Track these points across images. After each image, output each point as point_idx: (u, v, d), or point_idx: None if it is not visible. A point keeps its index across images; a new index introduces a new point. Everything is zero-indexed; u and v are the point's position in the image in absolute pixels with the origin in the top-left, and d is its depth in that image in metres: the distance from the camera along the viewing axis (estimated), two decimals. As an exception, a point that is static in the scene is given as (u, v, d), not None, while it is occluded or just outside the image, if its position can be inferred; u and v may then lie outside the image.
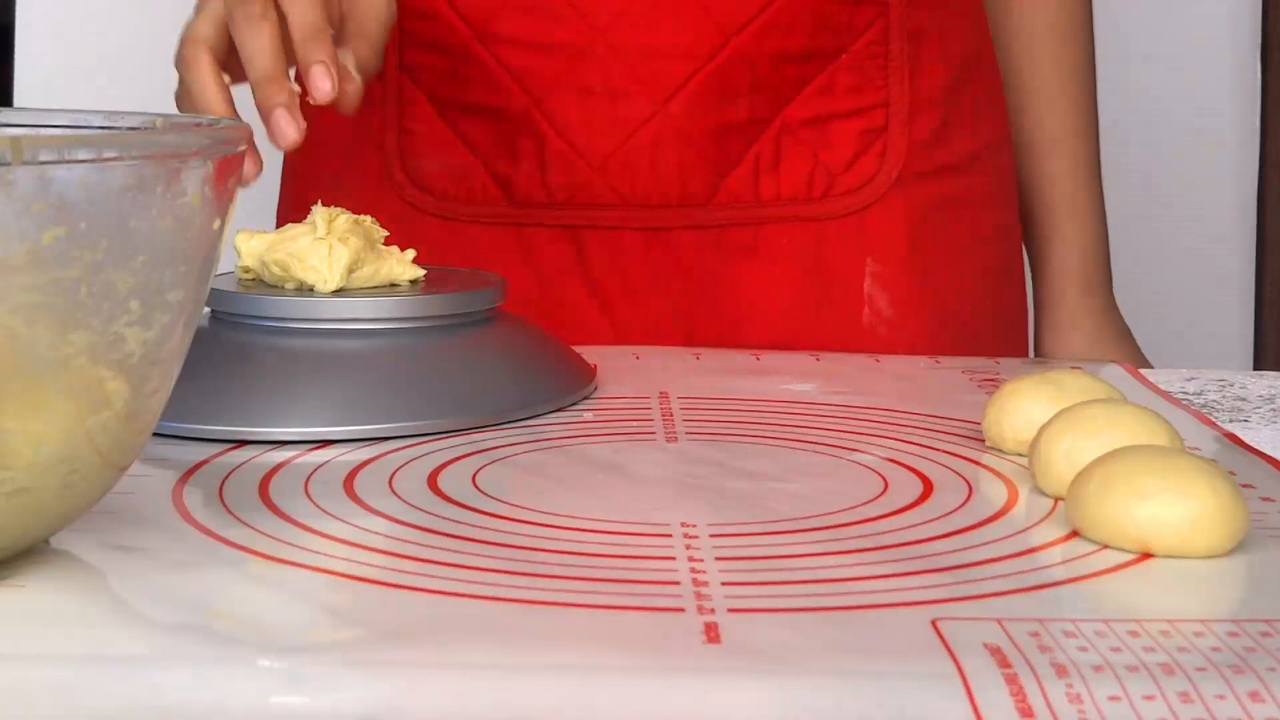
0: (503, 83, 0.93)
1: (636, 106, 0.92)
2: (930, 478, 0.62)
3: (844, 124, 0.94)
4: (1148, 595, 0.50)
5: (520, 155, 0.94)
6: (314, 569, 0.51)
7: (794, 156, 0.94)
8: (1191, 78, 1.63)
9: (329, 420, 0.67)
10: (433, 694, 0.42)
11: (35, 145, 0.44)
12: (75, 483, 0.48)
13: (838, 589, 0.49)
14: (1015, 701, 0.41)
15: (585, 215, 0.94)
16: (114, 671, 0.43)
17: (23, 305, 0.45)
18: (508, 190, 0.95)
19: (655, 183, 0.93)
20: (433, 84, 0.96)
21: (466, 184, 0.95)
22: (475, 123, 0.95)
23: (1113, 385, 0.67)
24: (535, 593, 0.49)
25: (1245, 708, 0.41)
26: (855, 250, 0.94)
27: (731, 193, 0.94)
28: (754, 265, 0.94)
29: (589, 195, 0.93)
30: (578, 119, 0.93)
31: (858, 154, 0.94)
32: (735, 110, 0.92)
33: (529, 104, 0.93)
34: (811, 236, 0.94)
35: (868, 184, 0.94)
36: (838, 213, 0.94)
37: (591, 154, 0.93)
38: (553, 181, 0.94)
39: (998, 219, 1.01)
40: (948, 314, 0.96)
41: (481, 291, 0.75)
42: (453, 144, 0.95)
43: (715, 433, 0.70)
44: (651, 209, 0.94)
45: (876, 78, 0.94)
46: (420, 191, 0.96)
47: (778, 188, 0.94)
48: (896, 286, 0.94)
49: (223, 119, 0.61)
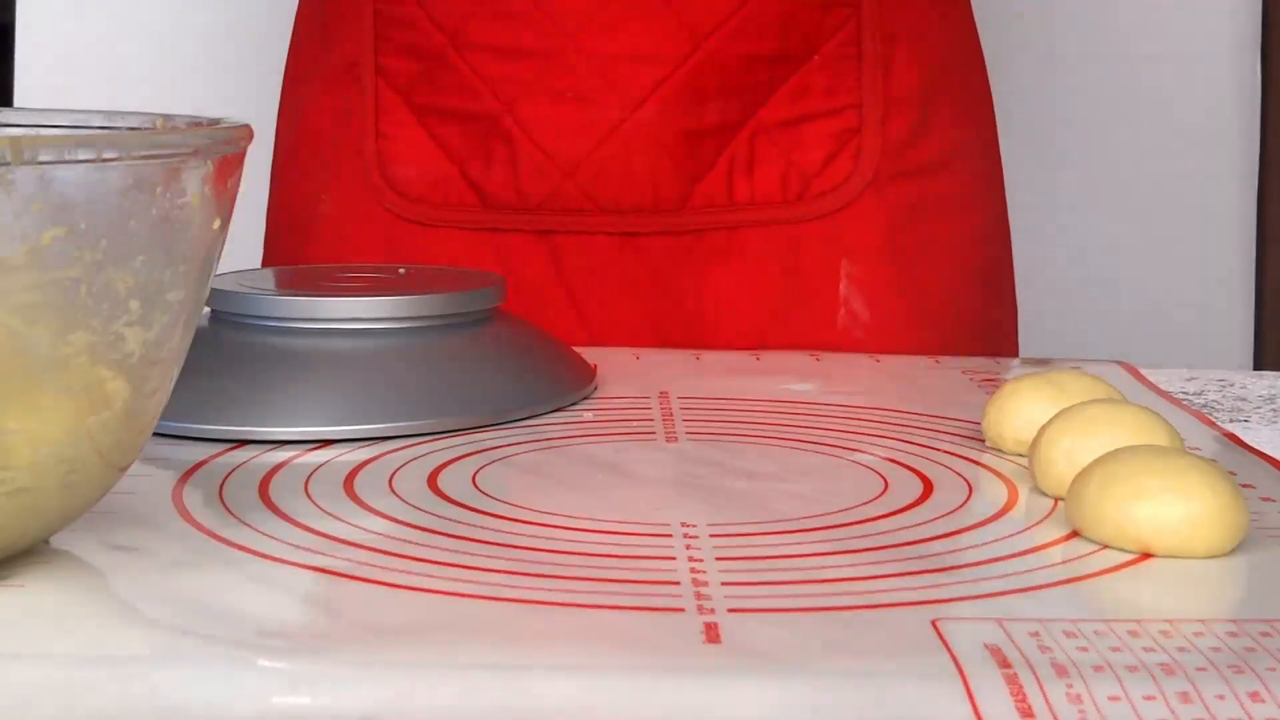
0: (476, 88, 0.93)
1: (607, 111, 0.92)
2: (930, 478, 0.62)
3: (817, 125, 0.94)
4: (1148, 595, 0.50)
5: (494, 160, 0.94)
6: (314, 569, 0.51)
7: (767, 159, 0.94)
8: (1191, 78, 1.63)
9: (329, 420, 0.67)
10: (433, 694, 0.42)
11: (35, 145, 0.44)
12: (75, 483, 0.48)
13: (838, 589, 0.49)
14: (1015, 701, 0.41)
15: (559, 220, 0.94)
16: (114, 671, 0.43)
17: (23, 305, 0.45)
18: (482, 195, 0.95)
19: (628, 187, 0.93)
20: (409, 89, 0.96)
21: (442, 189, 0.95)
22: (451, 128, 0.95)
23: (1113, 385, 0.67)
24: (535, 593, 0.49)
25: (1245, 708, 0.41)
26: (831, 252, 0.94)
27: (705, 196, 0.94)
28: (729, 268, 0.94)
29: (562, 200, 0.94)
30: (549, 124, 0.93)
31: (831, 155, 0.94)
32: (707, 114, 0.93)
33: (501, 109, 0.93)
34: (786, 239, 0.94)
35: (842, 185, 0.94)
36: (813, 215, 0.94)
37: (563, 159, 0.93)
38: (526, 186, 0.94)
39: (980, 220, 1.00)
40: (928, 316, 0.96)
41: (481, 291, 0.75)
42: (429, 149, 0.95)
43: (715, 433, 0.70)
44: (625, 214, 0.94)
45: (849, 79, 0.94)
46: (398, 197, 0.96)
47: (752, 191, 0.94)
48: (873, 289, 0.94)
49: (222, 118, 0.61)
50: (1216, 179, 1.66)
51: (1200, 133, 1.64)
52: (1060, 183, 1.59)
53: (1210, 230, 1.65)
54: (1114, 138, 1.62)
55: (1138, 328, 1.11)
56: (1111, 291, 1.60)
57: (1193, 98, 1.64)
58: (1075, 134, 1.61)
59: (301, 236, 0.99)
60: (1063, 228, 1.58)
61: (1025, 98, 1.57)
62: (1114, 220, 1.26)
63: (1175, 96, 1.63)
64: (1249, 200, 1.66)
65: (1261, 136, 1.65)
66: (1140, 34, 1.62)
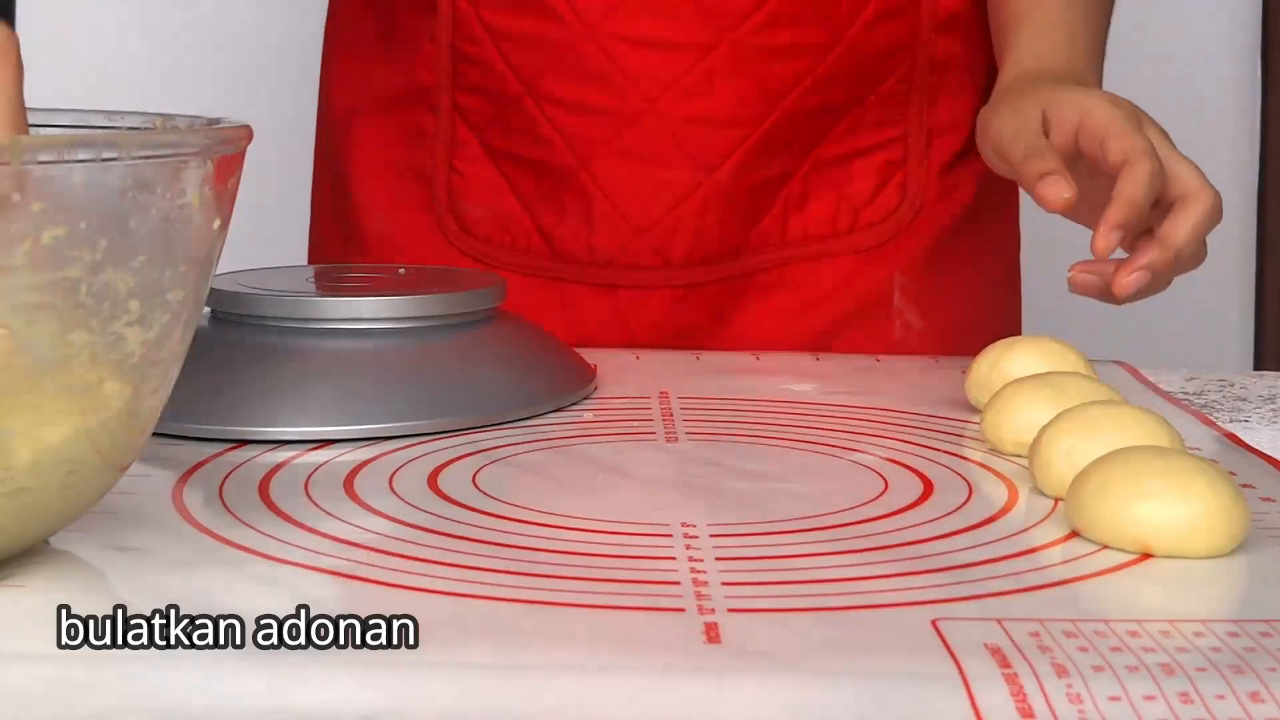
0: (552, 140, 0.93)
1: (684, 173, 0.92)
2: (930, 478, 0.62)
3: (865, 159, 0.95)
4: (1148, 595, 0.50)
5: (567, 213, 0.94)
6: (314, 569, 0.51)
7: (820, 195, 0.94)
8: (1191, 78, 1.64)
9: (329, 420, 0.67)
10: (433, 694, 0.42)
11: (35, 145, 0.44)
12: (75, 483, 0.48)
13: (838, 589, 0.49)
14: (1015, 701, 0.41)
15: (624, 275, 0.94)
16: (114, 671, 0.43)
17: (23, 305, 0.45)
18: (551, 244, 0.94)
19: (696, 244, 0.93)
20: (484, 128, 0.95)
21: (510, 232, 0.95)
22: (524, 173, 0.94)
23: (1111, 386, 0.67)
24: (535, 593, 0.49)
25: (1245, 708, 0.41)
26: (883, 271, 0.95)
27: (761, 236, 0.94)
28: (782, 298, 0.95)
29: (630, 258, 0.94)
30: (625, 184, 0.92)
31: (879, 186, 0.95)
32: (774, 166, 0.93)
33: (577, 165, 0.93)
34: (839, 268, 0.95)
35: (891, 215, 0.95)
36: (863, 246, 0.95)
37: (637, 219, 0.93)
38: (598, 242, 0.93)
39: (1004, 225, 1.02)
40: (971, 321, 0.97)
41: (481, 291, 0.75)
42: (501, 189, 0.95)
43: (715, 433, 0.70)
44: (690, 267, 0.94)
45: (898, 112, 0.95)
46: (463, 232, 0.96)
47: (804, 226, 0.94)
48: (925, 299, 0.95)
49: (222, 118, 0.61)
50: (1216, 179, 1.66)
51: (1200, 133, 1.64)
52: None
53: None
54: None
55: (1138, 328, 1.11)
56: (1111, 292, 1.60)
57: (1193, 98, 1.64)
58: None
59: (354, 246, 0.99)
60: (1062, 228, 1.58)
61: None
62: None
63: (1175, 96, 1.63)
64: (1249, 200, 1.66)
65: (1261, 136, 1.66)
66: (1140, 34, 1.62)
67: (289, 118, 1.10)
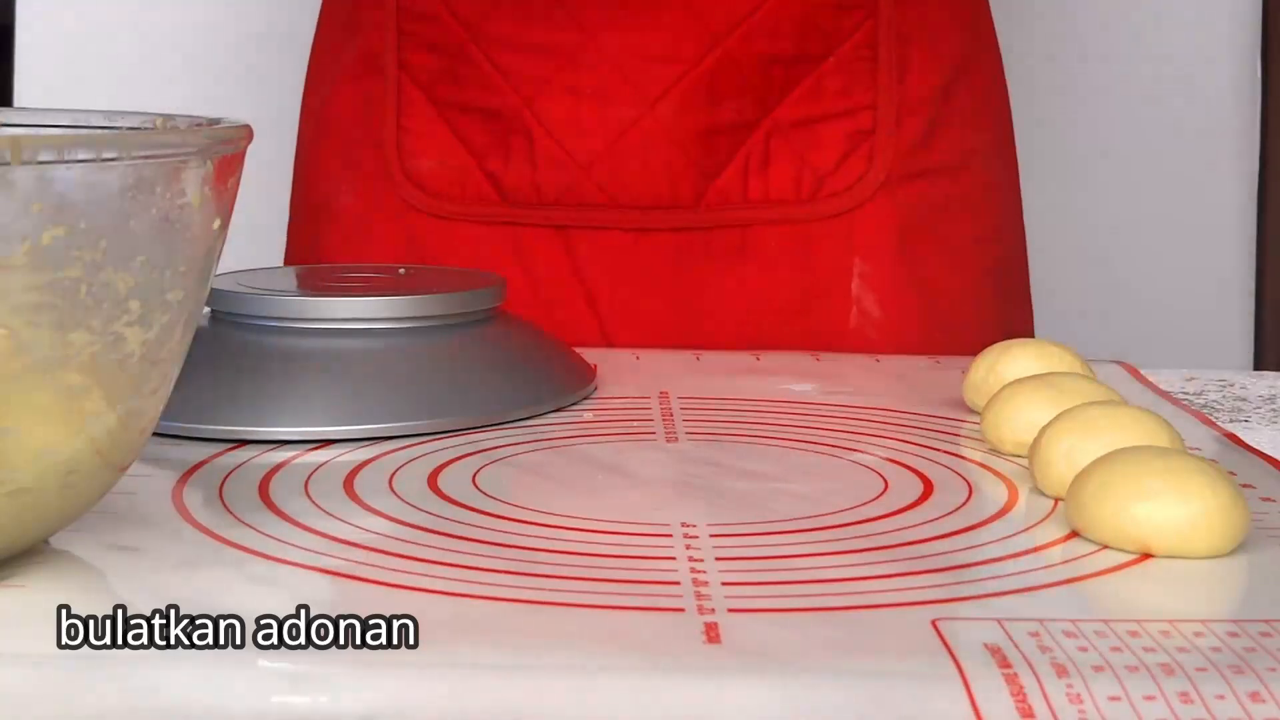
0: (496, 83, 0.94)
1: (624, 108, 0.93)
2: (930, 478, 0.62)
3: (831, 126, 0.95)
4: (1148, 595, 0.50)
5: (512, 154, 0.95)
6: (314, 569, 0.51)
7: (782, 158, 0.94)
8: (1191, 78, 1.63)
9: (329, 420, 0.67)
10: (433, 694, 0.42)
11: (35, 145, 0.44)
12: (75, 483, 0.48)
13: (838, 589, 0.49)
14: (1015, 701, 0.41)
15: (574, 215, 0.95)
16: (114, 671, 0.43)
17: (23, 305, 0.45)
18: (500, 189, 0.95)
19: (643, 184, 0.93)
20: (430, 83, 0.96)
21: (461, 183, 0.96)
22: (471, 122, 0.95)
23: (1111, 387, 0.67)
24: (535, 593, 0.49)
25: (1245, 708, 0.41)
26: (843, 251, 0.95)
27: (720, 194, 0.94)
28: (741, 265, 0.95)
29: (578, 195, 0.94)
30: (568, 120, 0.94)
31: (845, 155, 0.94)
32: (722, 112, 0.93)
33: (520, 104, 0.94)
34: (799, 238, 0.95)
35: (855, 185, 0.94)
36: (826, 214, 0.94)
37: (580, 154, 0.93)
38: (543, 181, 0.94)
39: (993, 220, 1.00)
40: (940, 316, 0.96)
41: (481, 291, 0.75)
42: (449, 143, 0.96)
43: (715, 433, 0.70)
44: (640, 210, 0.94)
45: (864, 80, 0.94)
46: (417, 190, 0.97)
47: (765, 189, 0.94)
48: (885, 288, 0.95)
49: (222, 118, 0.61)
50: (1216, 179, 1.66)
51: (1200, 133, 1.64)
52: (1058, 183, 1.59)
53: (1210, 230, 1.65)
54: (1114, 138, 1.61)
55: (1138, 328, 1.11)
56: (1111, 292, 1.60)
57: (1193, 98, 1.63)
58: (1074, 134, 1.61)
59: (321, 227, 1.00)
60: (1062, 227, 1.58)
61: (1025, 98, 1.57)
62: (1114, 220, 1.26)
63: (1175, 97, 1.63)
64: (1249, 200, 1.66)
65: (1261, 136, 1.65)
66: (1140, 34, 1.62)
67: (289, 118, 1.10)
